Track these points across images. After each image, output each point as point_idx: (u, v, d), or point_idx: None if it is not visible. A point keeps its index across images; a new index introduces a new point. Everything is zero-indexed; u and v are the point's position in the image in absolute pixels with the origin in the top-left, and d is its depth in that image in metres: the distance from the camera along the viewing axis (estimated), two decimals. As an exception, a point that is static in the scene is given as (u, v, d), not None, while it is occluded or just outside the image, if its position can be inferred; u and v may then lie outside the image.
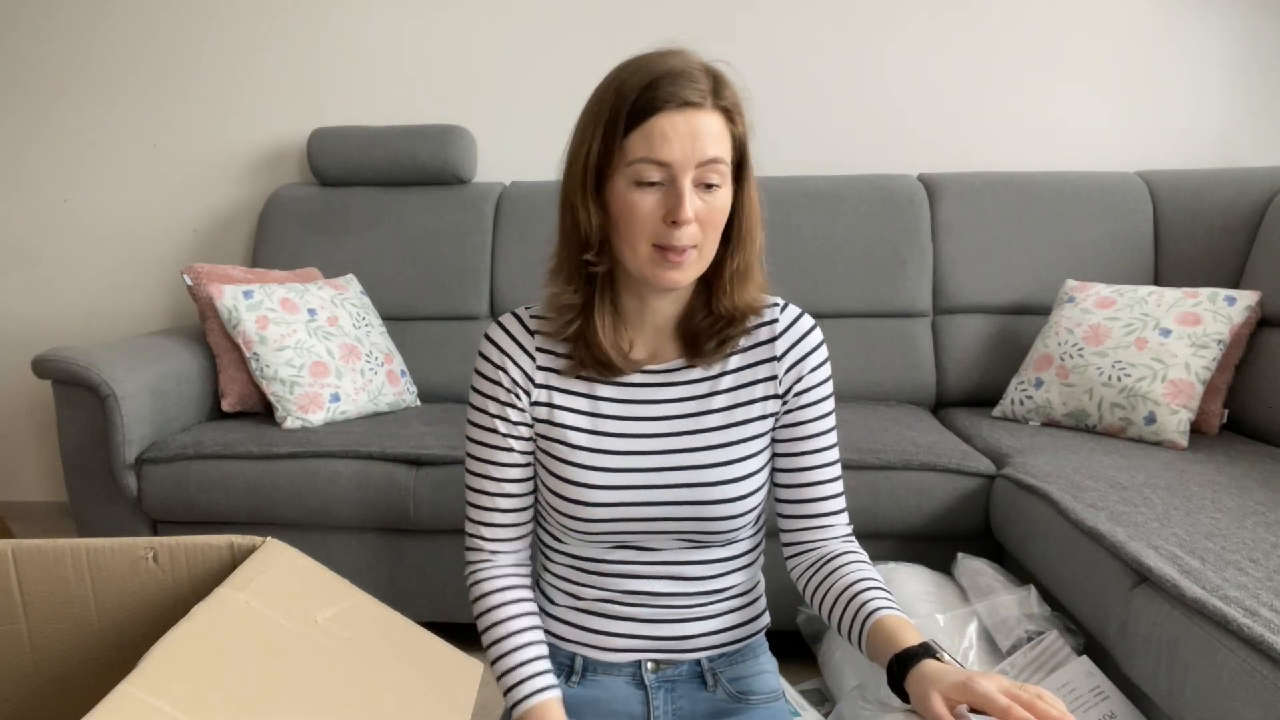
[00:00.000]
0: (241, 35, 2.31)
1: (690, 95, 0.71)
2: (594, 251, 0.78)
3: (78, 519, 1.71)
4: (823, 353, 0.85)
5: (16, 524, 2.46)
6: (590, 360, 0.82)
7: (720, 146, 0.73)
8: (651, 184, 0.73)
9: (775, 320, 0.85)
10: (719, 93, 0.73)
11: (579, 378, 0.84)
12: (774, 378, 0.84)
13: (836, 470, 0.87)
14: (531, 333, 0.85)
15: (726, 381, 0.84)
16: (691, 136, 0.71)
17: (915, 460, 1.52)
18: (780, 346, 0.84)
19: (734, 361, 0.84)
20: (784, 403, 0.84)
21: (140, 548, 0.79)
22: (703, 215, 0.74)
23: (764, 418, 0.84)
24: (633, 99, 0.71)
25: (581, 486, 0.82)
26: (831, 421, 0.86)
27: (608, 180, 0.75)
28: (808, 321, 0.86)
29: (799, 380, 0.84)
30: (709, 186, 0.73)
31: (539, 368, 0.84)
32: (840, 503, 0.87)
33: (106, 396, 1.60)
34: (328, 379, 1.77)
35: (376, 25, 2.29)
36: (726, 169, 0.75)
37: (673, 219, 0.72)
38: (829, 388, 0.86)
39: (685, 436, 0.83)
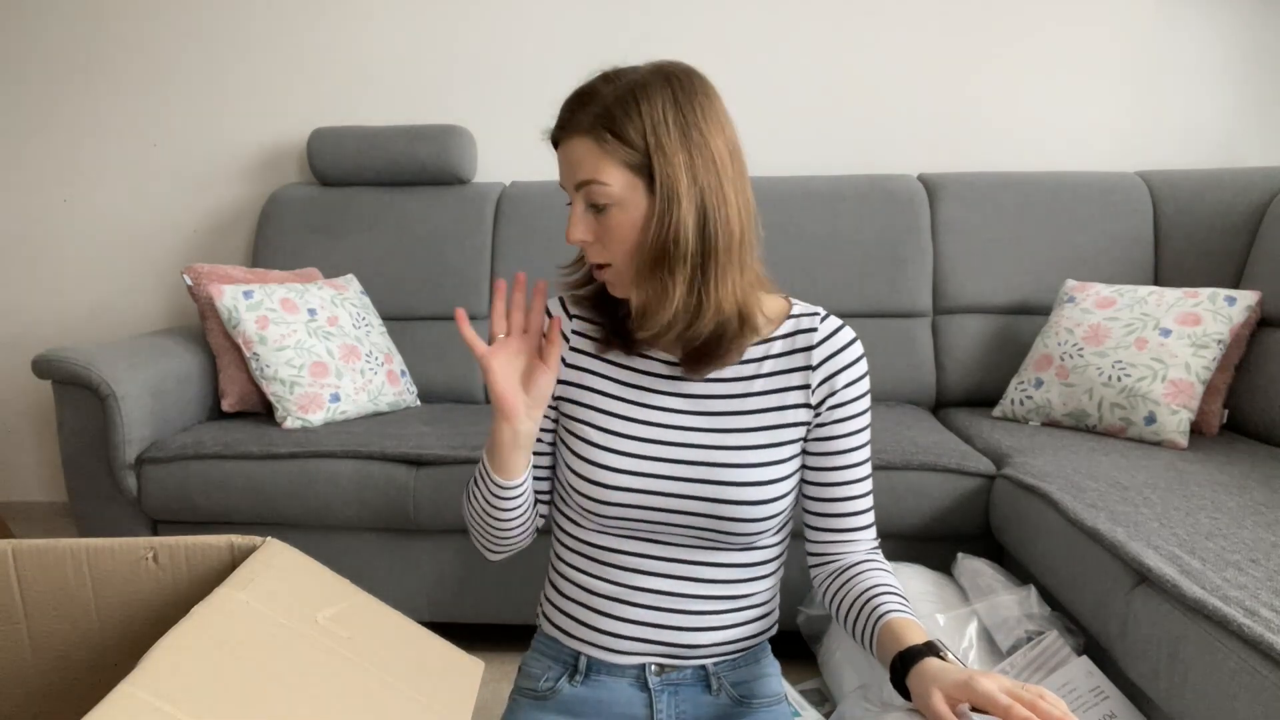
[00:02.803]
0: (242, 35, 2.31)
1: (553, 133, 0.79)
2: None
3: (78, 519, 1.71)
4: (861, 367, 0.84)
5: (16, 524, 2.46)
6: (612, 327, 0.86)
7: (590, 169, 0.75)
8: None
9: (814, 329, 0.83)
10: (575, 117, 0.76)
11: (609, 362, 0.86)
12: (808, 387, 0.83)
13: (867, 486, 0.86)
14: (570, 316, 0.88)
15: (759, 385, 0.84)
16: (567, 164, 0.78)
17: (915, 460, 1.52)
18: (816, 357, 0.83)
19: (768, 366, 0.84)
20: (817, 414, 0.84)
21: (140, 548, 0.79)
22: (599, 234, 0.78)
23: (795, 425, 0.83)
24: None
25: (602, 468, 0.82)
26: (865, 437, 0.85)
27: None
28: (848, 334, 0.84)
29: (833, 393, 0.83)
30: (597, 206, 0.77)
31: (573, 349, 0.88)
32: (868, 518, 0.86)
33: (106, 396, 1.60)
34: (328, 379, 1.77)
35: (376, 25, 2.29)
36: (606, 188, 0.74)
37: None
38: (865, 403, 0.84)
39: (711, 434, 0.83)
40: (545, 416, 0.88)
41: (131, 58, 2.34)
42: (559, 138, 0.78)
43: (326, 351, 1.80)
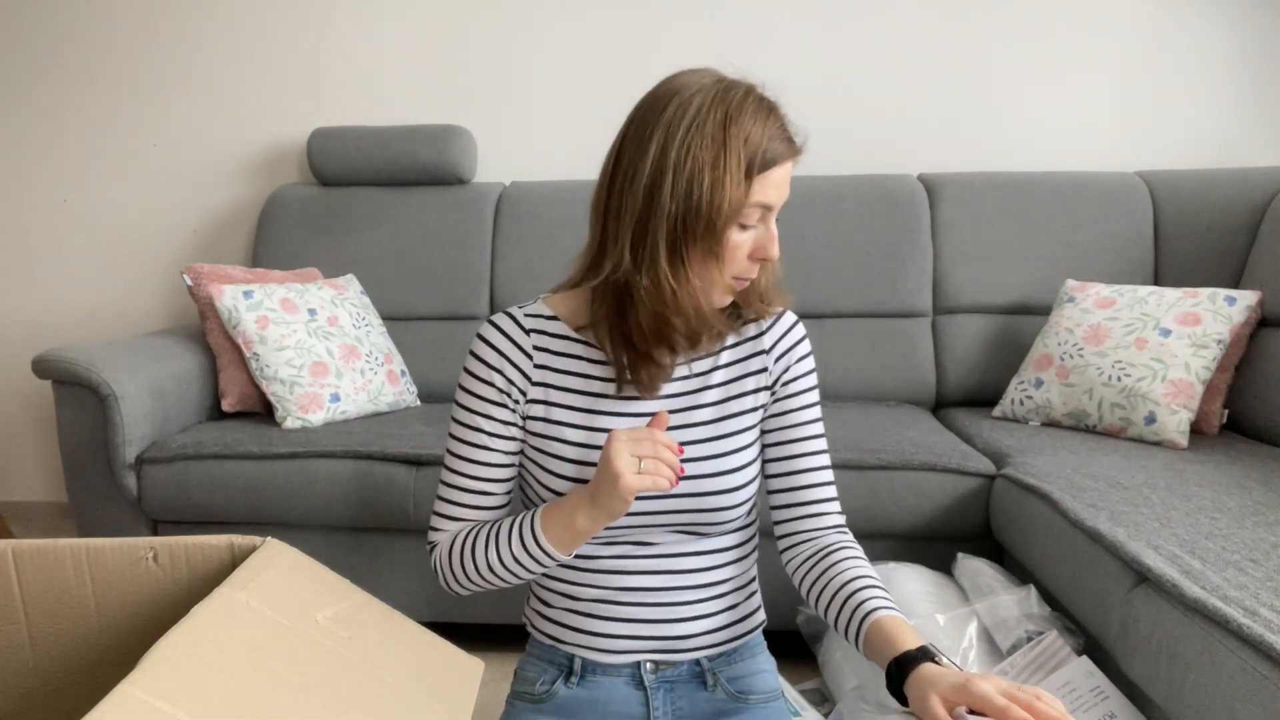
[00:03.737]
0: (241, 35, 2.31)
1: (797, 146, 0.77)
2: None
3: (78, 519, 1.71)
4: (807, 345, 0.90)
5: (16, 524, 2.46)
6: (642, 367, 0.81)
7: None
8: (750, 226, 0.76)
9: (760, 317, 0.88)
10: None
11: (572, 375, 0.84)
12: (764, 370, 0.87)
13: (826, 459, 0.89)
14: (527, 331, 0.85)
15: (719, 375, 0.86)
16: (787, 181, 0.77)
17: (915, 460, 1.52)
18: (768, 340, 0.87)
19: (726, 356, 0.87)
20: (772, 393, 0.87)
21: (140, 548, 0.79)
22: None
23: (755, 410, 0.87)
24: (764, 149, 0.74)
25: (579, 484, 0.82)
26: (819, 411, 0.89)
27: (708, 228, 0.74)
28: (791, 317, 0.90)
29: (787, 370, 0.87)
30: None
31: (536, 366, 0.84)
32: (831, 490, 0.88)
33: (106, 396, 1.60)
34: (328, 379, 1.77)
35: (376, 25, 2.29)
36: None
37: (763, 256, 0.77)
38: (815, 378, 0.90)
39: (682, 430, 0.84)
40: (511, 439, 0.85)
41: (132, 58, 2.34)
42: (795, 156, 0.77)
43: (326, 351, 1.80)
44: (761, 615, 0.93)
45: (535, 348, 0.84)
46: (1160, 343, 1.62)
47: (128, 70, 2.35)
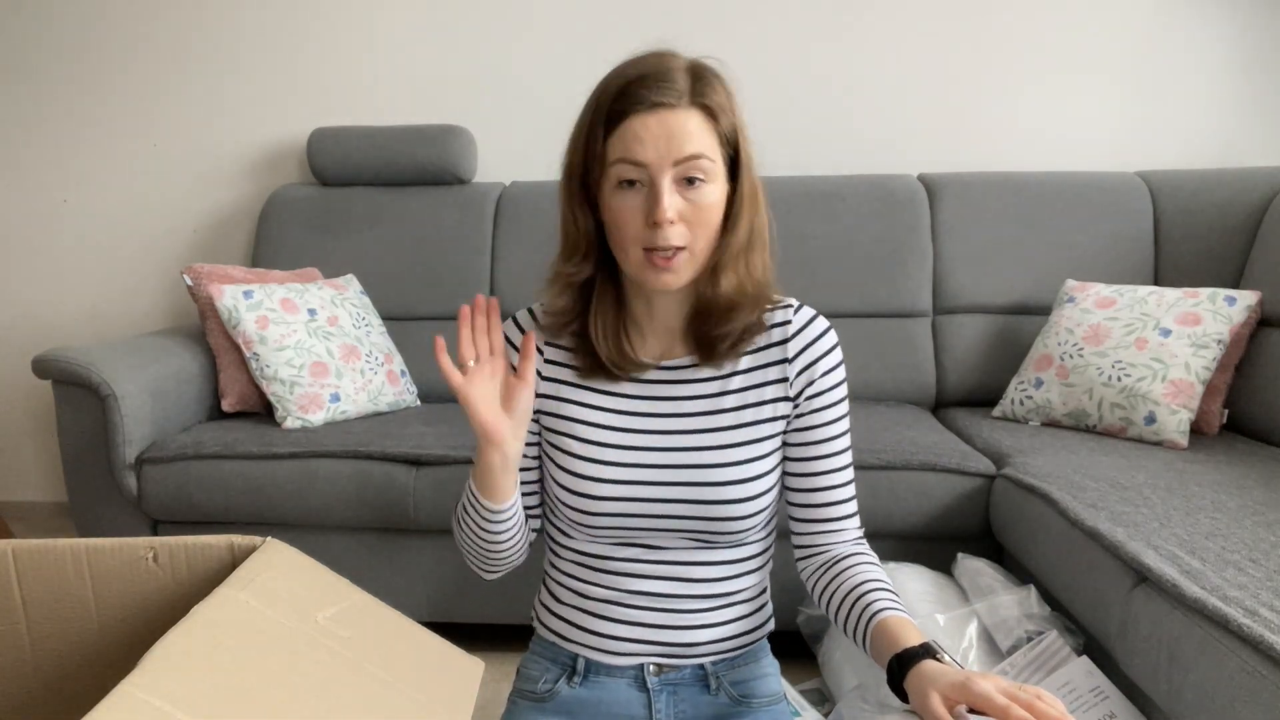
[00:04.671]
0: (242, 35, 2.31)
1: (661, 96, 0.72)
2: (580, 257, 0.80)
3: (78, 519, 1.71)
4: (836, 356, 0.84)
5: (16, 524, 2.46)
6: (593, 365, 0.83)
7: (700, 143, 0.73)
8: (632, 184, 0.74)
9: (788, 322, 0.84)
10: (699, 91, 0.73)
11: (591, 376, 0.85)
12: (785, 380, 0.83)
13: (849, 474, 0.86)
14: (542, 326, 0.86)
15: (737, 381, 0.84)
16: (665, 136, 0.72)
17: (915, 460, 1.52)
18: (792, 349, 0.83)
19: (745, 361, 0.84)
20: (795, 405, 0.84)
21: (140, 548, 0.79)
22: (688, 214, 0.74)
23: (775, 419, 0.83)
24: (608, 104, 0.73)
25: (587, 480, 0.82)
26: (844, 425, 0.85)
27: (599, 187, 0.76)
28: (821, 324, 0.85)
29: (810, 383, 0.83)
30: (691, 182, 0.73)
31: (548, 361, 0.86)
32: (852, 507, 0.86)
33: (106, 396, 1.60)
34: (328, 379, 1.77)
35: (377, 25, 2.29)
36: (712, 165, 0.74)
37: (653, 220, 0.73)
38: (842, 391, 0.85)
39: (694, 435, 0.83)
40: (529, 431, 0.86)
41: (131, 58, 2.34)
42: (667, 105, 0.72)
43: (326, 351, 1.80)
44: (770, 623, 0.92)
45: (549, 343, 0.86)
46: (1160, 343, 1.62)
47: (128, 70, 2.34)
